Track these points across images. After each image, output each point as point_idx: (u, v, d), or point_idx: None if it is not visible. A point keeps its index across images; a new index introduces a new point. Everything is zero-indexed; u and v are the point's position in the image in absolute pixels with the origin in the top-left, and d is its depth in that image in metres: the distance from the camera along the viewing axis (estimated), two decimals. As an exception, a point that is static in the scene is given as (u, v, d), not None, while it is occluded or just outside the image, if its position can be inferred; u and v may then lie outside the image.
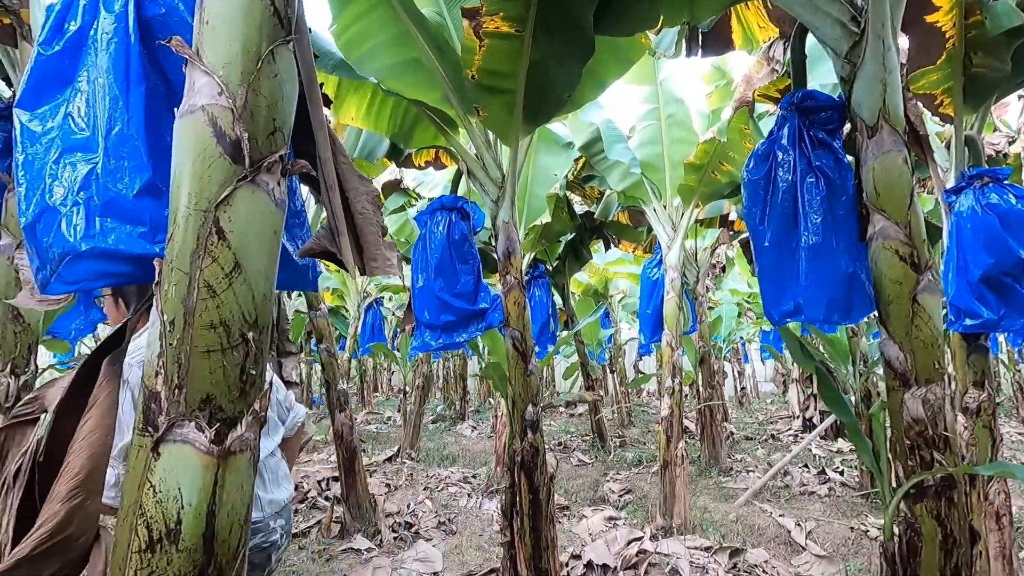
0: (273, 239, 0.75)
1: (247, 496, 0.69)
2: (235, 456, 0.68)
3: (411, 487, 5.07)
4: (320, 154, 0.94)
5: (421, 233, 2.83)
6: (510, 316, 2.64)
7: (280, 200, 0.77)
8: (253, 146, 0.74)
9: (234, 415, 0.69)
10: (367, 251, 0.98)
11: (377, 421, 10.44)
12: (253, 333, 0.71)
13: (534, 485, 2.59)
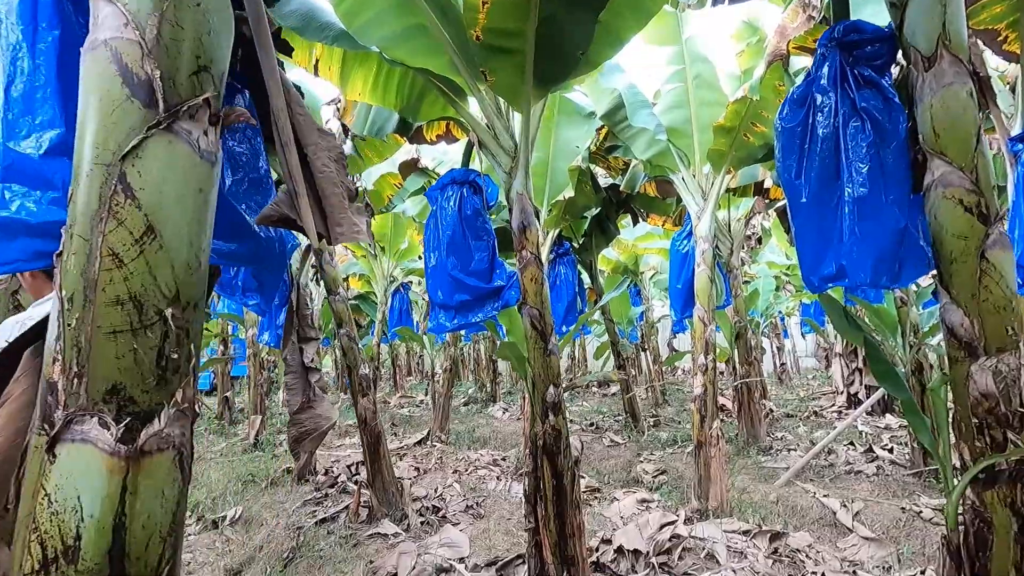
0: (198, 199, 0.63)
1: (172, 503, 0.58)
2: (151, 457, 0.57)
3: (440, 470, 5.04)
4: (272, 105, 0.82)
5: (432, 210, 2.71)
6: (527, 293, 2.50)
7: (208, 152, 0.65)
8: (169, 88, 0.62)
9: (150, 408, 0.58)
10: (331, 216, 0.86)
11: (410, 405, 10.52)
12: (174, 310, 0.60)
13: (558, 470, 2.47)
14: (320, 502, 4.31)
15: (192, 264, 0.64)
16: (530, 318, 2.47)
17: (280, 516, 4.11)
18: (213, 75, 0.67)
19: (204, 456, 6.43)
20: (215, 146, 0.66)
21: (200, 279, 0.66)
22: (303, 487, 4.69)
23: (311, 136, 0.85)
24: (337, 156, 0.86)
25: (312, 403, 3.63)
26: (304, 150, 0.84)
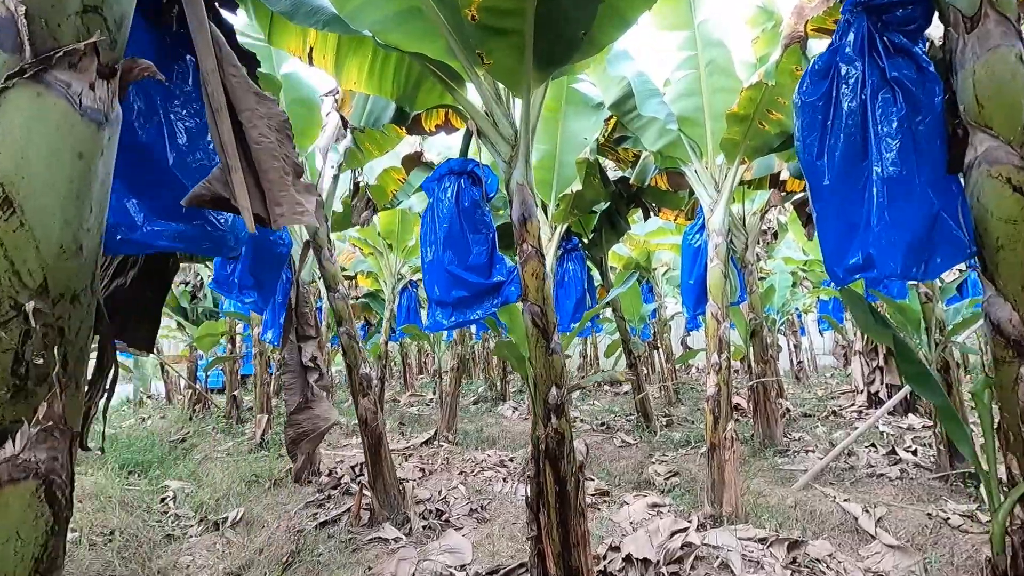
0: (77, 166, 0.51)
1: (33, 547, 0.46)
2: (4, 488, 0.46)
3: (446, 471, 4.93)
4: (200, 64, 0.70)
5: (429, 202, 2.58)
6: (528, 289, 2.36)
7: (94, 111, 0.53)
8: (40, 29, 0.50)
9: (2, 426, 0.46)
10: (270, 194, 0.74)
11: (419, 403, 10.45)
12: (39, 303, 0.48)
13: (561, 476, 2.33)
14: (322, 504, 4.22)
15: (68, 247, 0.51)
16: (531, 315, 2.34)
17: (281, 518, 4.02)
18: (107, 18, 0.55)
19: (211, 456, 6.39)
20: (106, 104, 0.54)
21: (83, 266, 0.54)
22: (306, 488, 4.61)
23: (247, 101, 0.74)
24: (279, 125, 0.74)
25: (310, 403, 3.53)
26: (238, 117, 0.72)
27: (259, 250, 3.46)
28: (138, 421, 9.75)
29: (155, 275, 1.35)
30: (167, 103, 1.03)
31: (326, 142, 3.88)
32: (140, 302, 1.33)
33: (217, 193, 0.71)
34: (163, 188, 0.92)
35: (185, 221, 0.97)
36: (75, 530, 3.63)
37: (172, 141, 0.98)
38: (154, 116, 1.01)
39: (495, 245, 2.55)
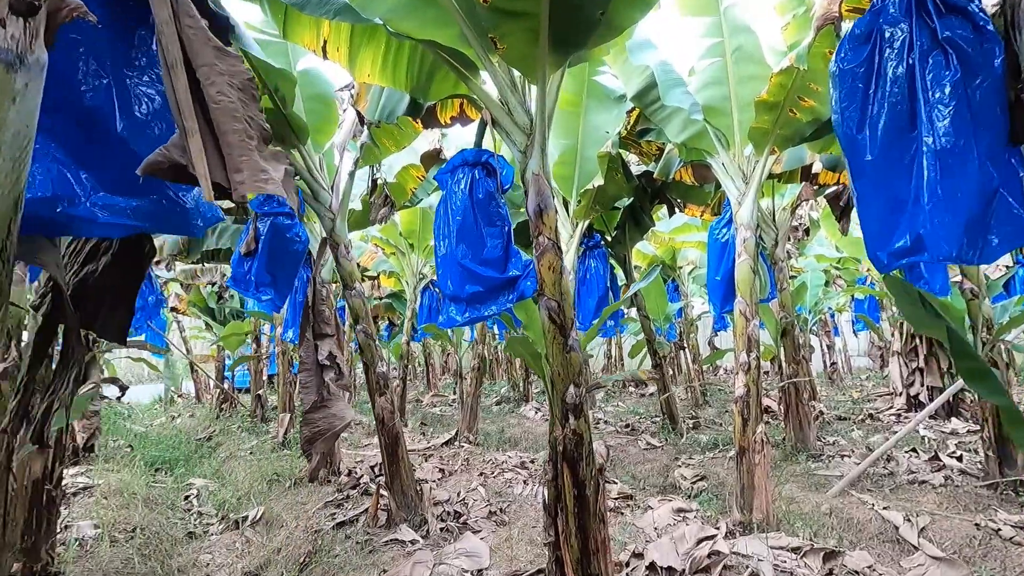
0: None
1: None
2: None
3: (466, 472, 4.85)
4: (155, 14, 0.62)
5: (443, 195, 2.51)
6: (545, 283, 2.26)
7: (5, 51, 0.45)
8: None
9: None
10: (230, 159, 0.66)
11: (442, 403, 10.42)
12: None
13: (579, 479, 2.23)
14: (341, 504, 4.19)
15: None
16: (548, 311, 2.24)
17: (300, 518, 4.00)
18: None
19: (235, 454, 6.45)
20: (21, 45, 0.46)
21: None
22: (325, 488, 4.58)
23: (205, 55, 0.66)
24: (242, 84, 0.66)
25: (326, 402, 3.49)
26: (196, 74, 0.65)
27: (275, 247, 3.44)
28: (168, 419, 9.95)
29: (130, 261, 1.30)
30: (124, 67, 0.96)
31: (343, 138, 3.85)
32: (113, 290, 1.28)
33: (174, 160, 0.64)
34: (115, 159, 0.85)
35: (141, 195, 0.90)
36: (98, 526, 3.67)
37: (127, 108, 0.91)
38: (104, 79, 0.94)
39: (511, 239, 2.46)
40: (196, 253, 4.43)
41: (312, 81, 3.73)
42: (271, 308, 3.60)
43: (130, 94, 0.92)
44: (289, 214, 3.46)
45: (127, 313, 1.39)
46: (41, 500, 3.00)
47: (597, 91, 4.80)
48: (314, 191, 3.62)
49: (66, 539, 3.39)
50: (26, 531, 2.90)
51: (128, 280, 1.35)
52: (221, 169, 0.67)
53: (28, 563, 2.87)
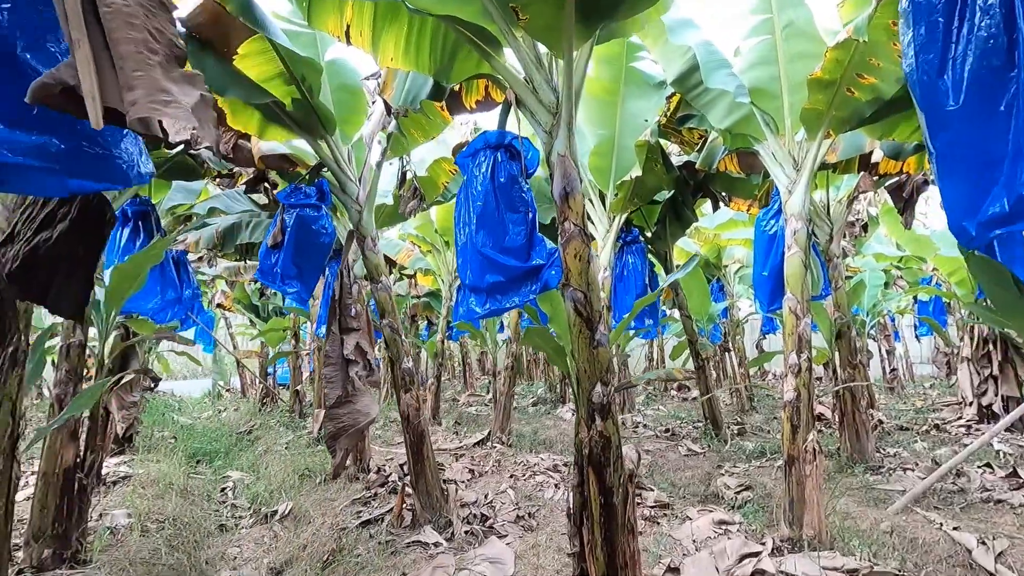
0: None
1: None
2: None
3: (496, 474, 4.71)
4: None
5: (464, 181, 2.37)
6: (571, 273, 2.09)
7: None
8: None
9: None
10: (123, 74, 0.53)
11: (478, 403, 10.33)
12: None
13: (606, 486, 2.04)
14: (368, 502, 4.12)
15: None
16: (573, 302, 2.07)
17: (327, 515, 3.95)
18: None
19: (272, 448, 6.53)
20: None
21: None
22: (354, 485, 4.53)
23: (100, -54, 0.54)
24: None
25: (351, 397, 3.42)
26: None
27: (301, 239, 3.39)
28: (215, 413, 10.26)
29: (89, 228, 1.21)
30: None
31: (372, 130, 3.78)
32: (69, 259, 1.20)
33: (64, 81, 0.52)
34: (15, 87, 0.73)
35: (48, 132, 0.79)
36: (131, 515, 3.72)
37: (29, 25, 0.80)
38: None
39: (535, 226, 2.30)
40: (230, 246, 4.46)
41: (340, 71, 3.68)
42: (297, 300, 3.57)
43: (34, 14, 0.82)
44: (316, 206, 3.41)
45: (85, 286, 1.31)
46: (73, 488, 3.03)
47: (636, 78, 4.58)
48: (341, 183, 3.56)
49: (98, 528, 3.44)
50: (57, 518, 2.93)
51: (87, 250, 1.26)
52: (116, 86, 0.55)
53: (58, 550, 2.91)
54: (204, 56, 3.02)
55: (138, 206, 3.64)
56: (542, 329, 1.77)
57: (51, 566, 2.84)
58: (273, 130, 3.47)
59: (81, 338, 3.10)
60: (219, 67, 3.05)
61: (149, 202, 3.74)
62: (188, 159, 3.70)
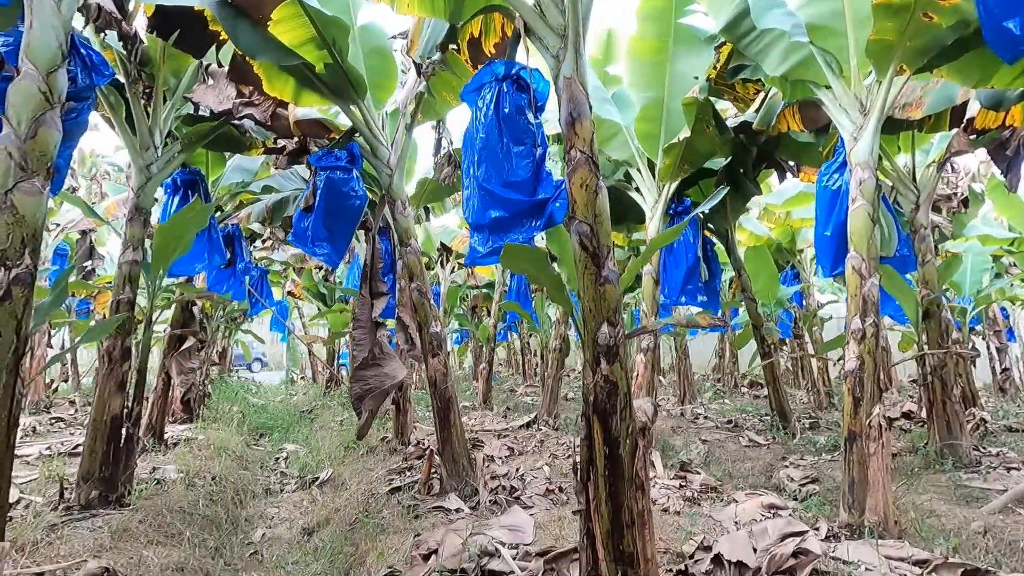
0: None
1: None
2: None
3: (537, 453, 4.55)
4: None
5: (470, 117, 2.25)
6: (576, 204, 1.91)
7: None
8: None
9: None
10: None
11: (536, 393, 10.18)
12: None
13: (612, 435, 1.84)
14: (403, 472, 4.09)
15: None
16: (579, 235, 1.88)
17: (363, 483, 3.96)
18: None
19: (327, 425, 6.72)
20: None
21: None
22: (393, 457, 4.53)
23: None
24: None
25: (379, 360, 3.39)
26: None
27: (331, 202, 3.41)
28: (287, 396, 10.79)
29: None
30: None
31: (405, 95, 3.75)
32: None
33: None
34: None
35: None
36: (181, 471, 3.90)
37: None
38: None
39: (543, 160, 2.14)
40: (278, 220, 4.61)
41: (372, 36, 3.68)
42: (328, 262, 3.59)
43: None
44: (346, 168, 3.42)
45: None
46: (119, 436, 3.20)
47: (685, 34, 4.28)
48: (373, 147, 3.55)
49: (149, 479, 3.62)
50: (104, 463, 3.10)
51: None
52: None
53: (104, 492, 3.07)
54: (239, 22, 3.10)
55: (187, 175, 3.83)
56: (525, 247, 1.58)
57: (97, 506, 3.00)
58: (307, 96, 3.52)
59: (130, 295, 3.27)
60: (253, 33, 3.12)
61: (198, 172, 3.92)
62: (233, 130, 3.83)
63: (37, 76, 1.88)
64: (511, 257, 1.57)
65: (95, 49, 2.33)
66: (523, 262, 1.66)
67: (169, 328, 4.75)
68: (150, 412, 4.58)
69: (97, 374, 3.28)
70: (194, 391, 5.47)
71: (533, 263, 1.64)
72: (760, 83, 4.02)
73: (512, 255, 1.56)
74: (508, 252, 1.52)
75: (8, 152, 1.81)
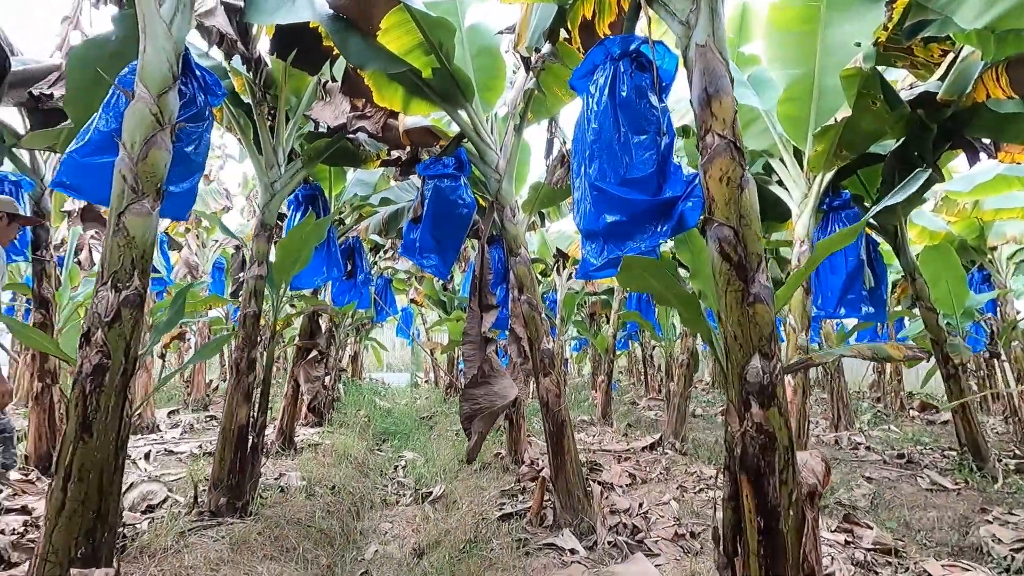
0: None
1: None
2: None
3: (662, 482, 4.08)
4: None
5: (580, 109, 1.93)
6: (715, 203, 1.52)
7: None
8: None
9: None
10: None
11: (660, 407, 9.50)
12: None
13: (767, 502, 1.41)
14: (515, 495, 3.86)
15: None
16: (719, 241, 1.49)
17: (474, 503, 3.79)
18: None
19: (444, 433, 6.74)
20: None
21: None
22: (506, 476, 4.32)
23: None
24: None
25: (488, 377, 3.18)
26: None
27: (439, 211, 3.28)
28: (411, 400, 11.20)
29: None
30: None
31: (514, 94, 3.53)
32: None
33: None
34: None
35: None
36: (304, 479, 4.01)
37: None
38: None
39: (670, 152, 1.75)
40: (393, 230, 4.64)
41: (479, 35, 3.51)
42: (436, 274, 3.47)
43: None
44: (453, 175, 3.27)
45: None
46: (245, 446, 3.32)
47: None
48: (481, 152, 3.38)
49: (274, 485, 3.75)
50: (231, 470, 3.22)
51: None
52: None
53: (232, 499, 3.18)
54: (349, 34, 3.08)
55: (308, 191, 3.94)
56: (651, 261, 1.23)
57: (224, 513, 3.11)
58: (416, 103, 3.44)
59: (255, 308, 3.39)
60: (362, 43, 3.09)
61: (318, 187, 4.03)
62: (348, 144, 3.88)
63: (149, 98, 1.90)
64: (630, 272, 1.23)
65: (208, 70, 2.37)
66: (646, 277, 1.31)
67: (298, 338, 4.99)
68: (280, 417, 4.82)
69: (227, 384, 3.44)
70: (320, 398, 5.72)
71: (659, 278, 1.28)
72: (949, 42, 3.22)
73: (631, 269, 1.22)
74: (627, 265, 1.19)
75: (123, 175, 1.84)
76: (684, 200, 1.63)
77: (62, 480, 1.61)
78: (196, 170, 2.32)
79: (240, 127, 3.63)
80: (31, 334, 1.85)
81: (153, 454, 4.55)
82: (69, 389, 1.72)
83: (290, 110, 3.72)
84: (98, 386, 1.67)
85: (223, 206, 7.47)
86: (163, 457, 4.57)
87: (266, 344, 3.48)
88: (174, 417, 6.52)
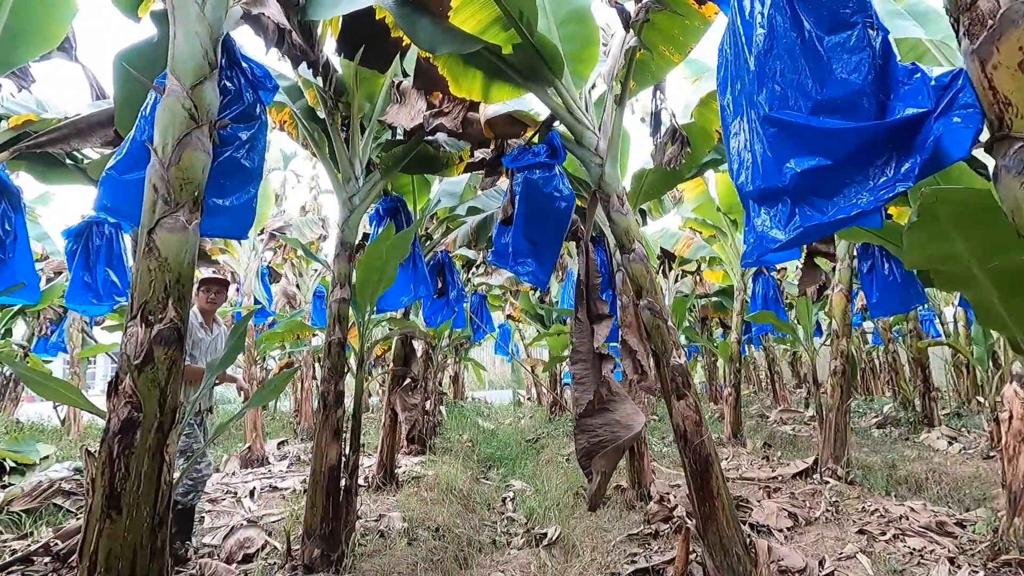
0: None
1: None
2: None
3: (834, 524, 3.24)
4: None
5: (727, 23, 1.34)
6: (1013, 109, 0.86)
7: None
8: None
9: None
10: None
11: (794, 421, 8.31)
12: None
13: None
14: (646, 542, 3.22)
15: None
16: None
17: (597, 549, 3.20)
18: None
19: (554, 459, 6.18)
20: None
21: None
22: (631, 515, 3.69)
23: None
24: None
25: (607, 403, 2.61)
26: None
27: (531, 208, 2.79)
28: (515, 420, 10.79)
29: None
30: None
31: (611, 64, 2.98)
32: None
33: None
34: None
35: None
36: (405, 520, 3.64)
37: None
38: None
39: (889, 50, 1.11)
40: (482, 241, 4.23)
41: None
42: (533, 281, 2.96)
43: None
44: (546, 164, 2.77)
45: None
46: (338, 489, 2.98)
47: None
48: (576, 133, 2.85)
49: (373, 529, 3.40)
50: (324, 517, 2.89)
51: None
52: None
53: (326, 551, 2.85)
54: (417, 17, 2.72)
55: (389, 203, 3.62)
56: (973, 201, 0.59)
57: (320, 567, 2.78)
58: (497, 88, 3.00)
59: (340, 335, 3.08)
60: (433, 26, 2.71)
61: (399, 199, 3.71)
62: (427, 147, 3.52)
63: (181, 91, 1.58)
64: (932, 226, 0.60)
65: (256, 61, 2.06)
66: (953, 238, 0.68)
67: (392, 364, 4.71)
68: (380, 449, 4.54)
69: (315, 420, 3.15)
70: (420, 425, 5.41)
71: (959, 281, 0.66)
72: None
73: (934, 220, 0.60)
74: (928, 215, 0.57)
75: (153, 184, 1.53)
76: (939, 116, 0.99)
77: (86, 573, 1.27)
78: (252, 180, 2.01)
79: (315, 141, 3.40)
80: (59, 387, 1.57)
81: (258, 490, 4.43)
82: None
83: (364, 117, 3.43)
84: (127, 447, 1.33)
85: (319, 235, 7.54)
86: (268, 494, 4.43)
87: (355, 373, 3.16)
88: (283, 448, 6.54)
